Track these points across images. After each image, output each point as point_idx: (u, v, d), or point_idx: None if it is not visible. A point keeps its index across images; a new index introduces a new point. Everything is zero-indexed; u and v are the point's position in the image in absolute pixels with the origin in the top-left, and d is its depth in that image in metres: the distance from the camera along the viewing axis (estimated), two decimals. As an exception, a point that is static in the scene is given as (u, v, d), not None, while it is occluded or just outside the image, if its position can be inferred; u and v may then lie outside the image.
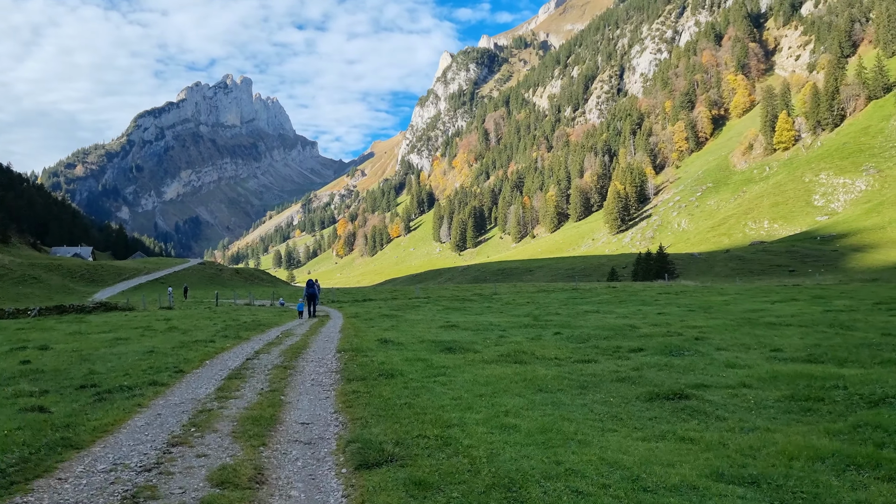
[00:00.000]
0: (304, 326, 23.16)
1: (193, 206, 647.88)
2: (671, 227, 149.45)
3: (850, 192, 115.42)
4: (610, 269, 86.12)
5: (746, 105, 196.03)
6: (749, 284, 51.92)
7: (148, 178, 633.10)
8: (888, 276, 62.48)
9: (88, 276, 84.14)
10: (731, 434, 6.84)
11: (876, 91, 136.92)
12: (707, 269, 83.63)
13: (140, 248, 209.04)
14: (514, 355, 12.80)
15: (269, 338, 18.72)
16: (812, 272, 75.23)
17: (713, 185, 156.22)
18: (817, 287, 40.54)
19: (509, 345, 14.64)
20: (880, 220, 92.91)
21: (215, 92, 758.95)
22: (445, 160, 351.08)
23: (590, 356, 12.72)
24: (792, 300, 27.91)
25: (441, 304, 35.56)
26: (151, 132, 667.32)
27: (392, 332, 19.11)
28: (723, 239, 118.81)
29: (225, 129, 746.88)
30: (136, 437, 7.16)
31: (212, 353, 14.60)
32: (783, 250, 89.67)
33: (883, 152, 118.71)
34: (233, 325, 22.52)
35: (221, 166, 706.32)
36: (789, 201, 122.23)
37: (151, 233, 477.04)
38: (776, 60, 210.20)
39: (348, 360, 13.01)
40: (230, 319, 26.06)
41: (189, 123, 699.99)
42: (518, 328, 19.49)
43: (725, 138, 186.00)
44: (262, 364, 13.00)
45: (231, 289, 78.83)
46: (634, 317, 22.54)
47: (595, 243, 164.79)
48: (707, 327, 17.47)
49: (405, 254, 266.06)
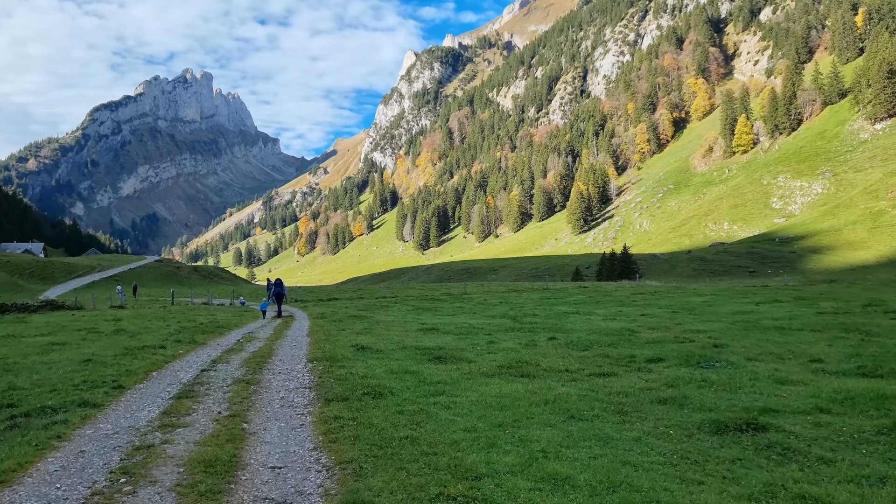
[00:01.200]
0: (268, 329, 21.23)
1: (151, 202, 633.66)
2: (633, 227, 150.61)
3: (807, 194, 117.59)
4: (574, 269, 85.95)
5: (706, 108, 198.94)
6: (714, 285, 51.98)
7: (104, 174, 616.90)
8: (845, 277, 63.29)
9: (39, 274, 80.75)
10: (860, 488, 5.31)
11: (832, 96, 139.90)
12: (669, 270, 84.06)
13: (95, 245, 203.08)
14: (516, 366, 11.42)
15: (228, 343, 16.81)
16: (771, 273, 76.10)
17: (674, 187, 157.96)
18: (788, 288, 40.39)
19: (505, 353, 13.38)
20: (836, 222, 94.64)
21: (174, 86, 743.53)
22: (409, 159, 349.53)
23: (604, 368, 11.33)
24: (775, 301, 27.34)
25: (410, 304, 33.98)
26: (108, 126, 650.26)
27: (367, 336, 17.52)
28: (684, 240, 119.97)
29: (184, 124, 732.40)
30: (40, 494, 5.39)
31: (161, 362, 12.82)
32: (744, 251, 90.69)
33: (838, 156, 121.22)
34: (188, 328, 20.47)
35: (180, 162, 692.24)
36: (748, 203, 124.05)
37: (107, 229, 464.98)
38: (735, 65, 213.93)
39: (323, 372, 11.39)
40: (185, 320, 23.93)
41: (147, 118, 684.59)
42: (503, 332, 18.12)
43: (686, 141, 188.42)
44: (220, 377, 11.15)
45: (189, 287, 76.39)
46: (621, 319, 21.59)
47: (558, 243, 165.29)
48: (713, 332, 16.33)
49: (368, 252, 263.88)
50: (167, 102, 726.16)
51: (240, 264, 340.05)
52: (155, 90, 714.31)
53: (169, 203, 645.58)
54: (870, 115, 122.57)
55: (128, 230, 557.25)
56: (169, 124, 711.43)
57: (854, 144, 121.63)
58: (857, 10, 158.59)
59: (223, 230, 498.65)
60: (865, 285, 44.72)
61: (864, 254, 77.32)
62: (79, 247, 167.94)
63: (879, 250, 77.33)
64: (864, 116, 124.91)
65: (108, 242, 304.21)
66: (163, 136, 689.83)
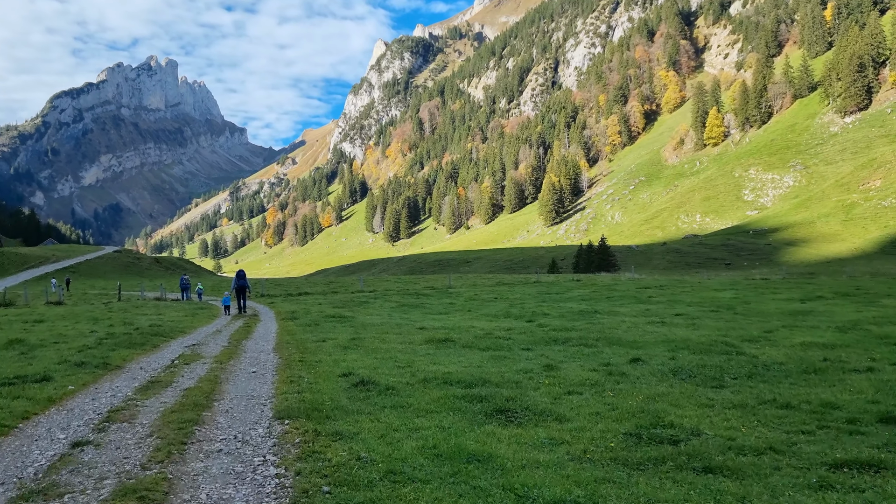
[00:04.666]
0: (222, 337, 16.40)
1: (114, 192, 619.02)
2: (605, 219, 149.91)
3: (779, 187, 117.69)
4: (550, 261, 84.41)
5: (677, 101, 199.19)
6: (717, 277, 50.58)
7: (65, 163, 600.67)
8: (823, 269, 62.65)
9: (-12, 265, 76.72)
10: None
11: (801, 90, 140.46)
12: (645, 262, 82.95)
13: (55, 236, 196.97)
14: (654, 437, 6.49)
15: (157, 365, 11.52)
16: (748, 265, 75.38)
17: (646, 179, 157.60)
18: (806, 282, 38.73)
19: (597, 394, 8.63)
20: (809, 215, 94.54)
21: (138, 73, 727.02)
22: (379, 149, 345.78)
23: (793, 436, 6.60)
24: (819, 298, 24.52)
25: (393, 300, 30.34)
26: (69, 114, 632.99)
27: (358, 353, 12.58)
28: (656, 232, 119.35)
29: (148, 112, 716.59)
30: None
31: (17, 415, 7.48)
32: (719, 244, 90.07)
33: (809, 149, 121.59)
34: (116, 335, 15.55)
35: (144, 151, 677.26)
36: (720, 196, 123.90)
37: (69, 220, 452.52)
38: (706, 58, 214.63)
39: (304, 457, 5.96)
40: (121, 323, 19.61)
41: (110, 106, 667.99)
42: (543, 344, 13.62)
43: (657, 133, 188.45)
44: (97, 469, 5.70)
45: (150, 279, 73.09)
46: (669, 322, 17.52)
47: (530, 235, 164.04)
48: (835, 344, 12.66)
49: (337, 244, 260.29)
50: (131, 90, 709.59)
51: (206, 256, 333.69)
52: (118, 77, 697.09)
53: (133, 193, 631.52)
54: (839, 109, 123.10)
55: (90, 221, 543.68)
56: (133, 112, 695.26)
57: (824, 138, 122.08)
58: (826, 5, 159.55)
59: (189, 221, 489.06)
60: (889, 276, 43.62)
61: (838, 246, 77.00)
62: (37, 237, 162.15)
63: (854, 243, 77.09)
64: (833, 110, 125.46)
65: (70, 233, 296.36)
66: (126, 124, 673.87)
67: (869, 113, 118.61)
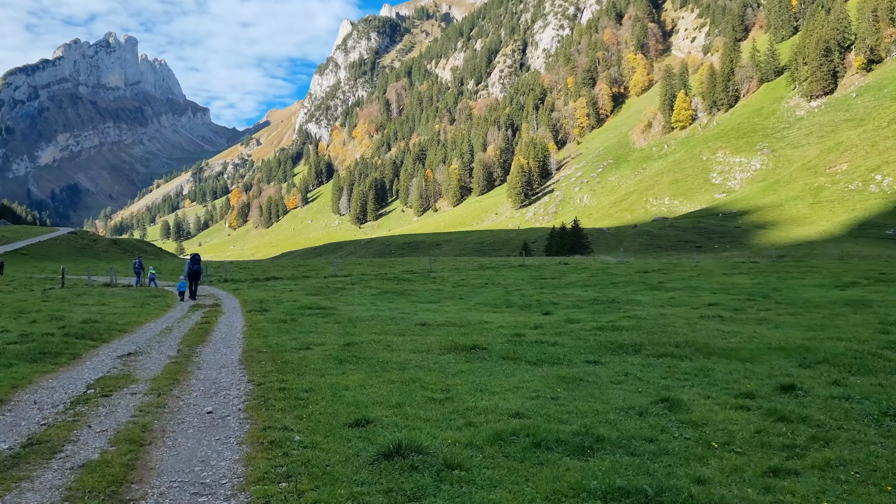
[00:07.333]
0: (172, 339, 12.97)
1: (72, 172, 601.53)
2: (574, 202, 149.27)
3: (746, 170, 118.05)
4: (521, 244, 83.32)
5: (645, 84, 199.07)
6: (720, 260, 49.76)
7: (20, 141, 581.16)
8: (793, 252, 62.36)
9: (-71, 248, 72.63)
10: None
11: (768, 74, 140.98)
12: (617, 244, 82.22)
13: (9, 217, 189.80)
14: None
15: (61, 397, 7.72)
16: (718, 248, 75.15)
17: (614, 162, 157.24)
18: (805, 266, 37.53)
19: (820, 476, 4.94)
20: (776, 198, 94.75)
21: (96, 50, 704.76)
22: (345, 130, 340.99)
23: None
24: (852, 284, 22.89)
25: (373, 287, 27.77)
26: (24, 91, 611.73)
27: (363, 373, 8.85)
28: (625, 214, 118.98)
29: (107, 90, 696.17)
30: None
31: None
32: (689, 226, 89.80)
33: (775, 133, 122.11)
34: (29, 338, 11.85)
35: (103, 130, 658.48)
36: (688, 179, 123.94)
37: (24, 200, 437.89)
38: (673, 41, 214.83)
39: None
40: (47, 318, 15.56)
41: (67, 83, 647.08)
42: (609, 354, 10.44)
43: (625, 116, 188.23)
44: None
45: (107, 262, 69.79)
46: (732, 319, 14.56)
47: (498, 217, 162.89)
48: None
49: (302, 226, 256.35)
50: (89, 67, 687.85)
51: (168, 238, 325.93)
52: (75, 54, 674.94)
53: (91, 173, 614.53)
54: (806, 93, 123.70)
55: (47, 201, 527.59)
56: (91, 90, 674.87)
57: (791, 121, 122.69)
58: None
59: (150, 202, 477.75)
60: None
61: (807, 229, 77.12)
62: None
63: (822, 226, 77.26)
64: (800, 94, 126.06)
65: (25, 214, 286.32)
66: (84, 102, 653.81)
67: (835, 97, 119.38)
